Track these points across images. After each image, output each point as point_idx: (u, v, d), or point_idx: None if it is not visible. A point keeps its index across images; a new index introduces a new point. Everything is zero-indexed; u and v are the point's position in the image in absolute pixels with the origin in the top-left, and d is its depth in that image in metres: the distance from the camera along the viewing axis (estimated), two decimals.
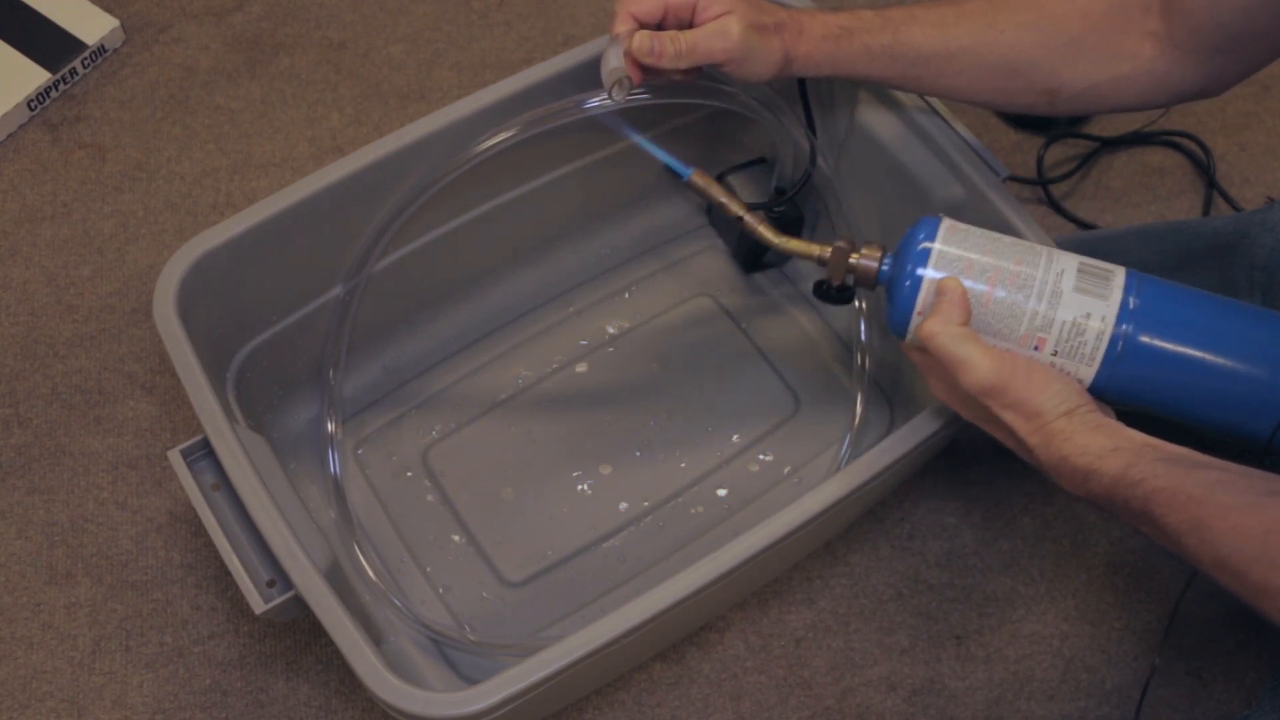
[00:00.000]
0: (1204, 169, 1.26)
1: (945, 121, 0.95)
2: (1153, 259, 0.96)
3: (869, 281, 0.79)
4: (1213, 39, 0.79)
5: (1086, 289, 0.73)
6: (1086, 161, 1.26)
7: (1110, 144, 1.27)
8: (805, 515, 0.80)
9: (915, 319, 0.76)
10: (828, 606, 1.02)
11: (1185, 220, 1.07)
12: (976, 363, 0.71)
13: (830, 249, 0.80)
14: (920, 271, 0.75)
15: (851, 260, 0.79)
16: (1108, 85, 0.83)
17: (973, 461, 1.09)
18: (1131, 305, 0.72)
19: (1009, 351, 0.73)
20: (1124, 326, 0.72)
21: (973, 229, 0.76)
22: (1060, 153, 1.27)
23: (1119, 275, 0.74)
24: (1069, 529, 1.07)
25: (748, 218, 0.85)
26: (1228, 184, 1.26)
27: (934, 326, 0.72)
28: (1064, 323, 0.73)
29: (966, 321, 0.73)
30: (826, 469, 1.04)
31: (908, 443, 0.83)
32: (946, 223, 0.76)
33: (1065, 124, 1.26)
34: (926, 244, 0.75)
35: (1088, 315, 0.72)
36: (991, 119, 1.28)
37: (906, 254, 0.76)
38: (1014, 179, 1.22)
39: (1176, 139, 1.27)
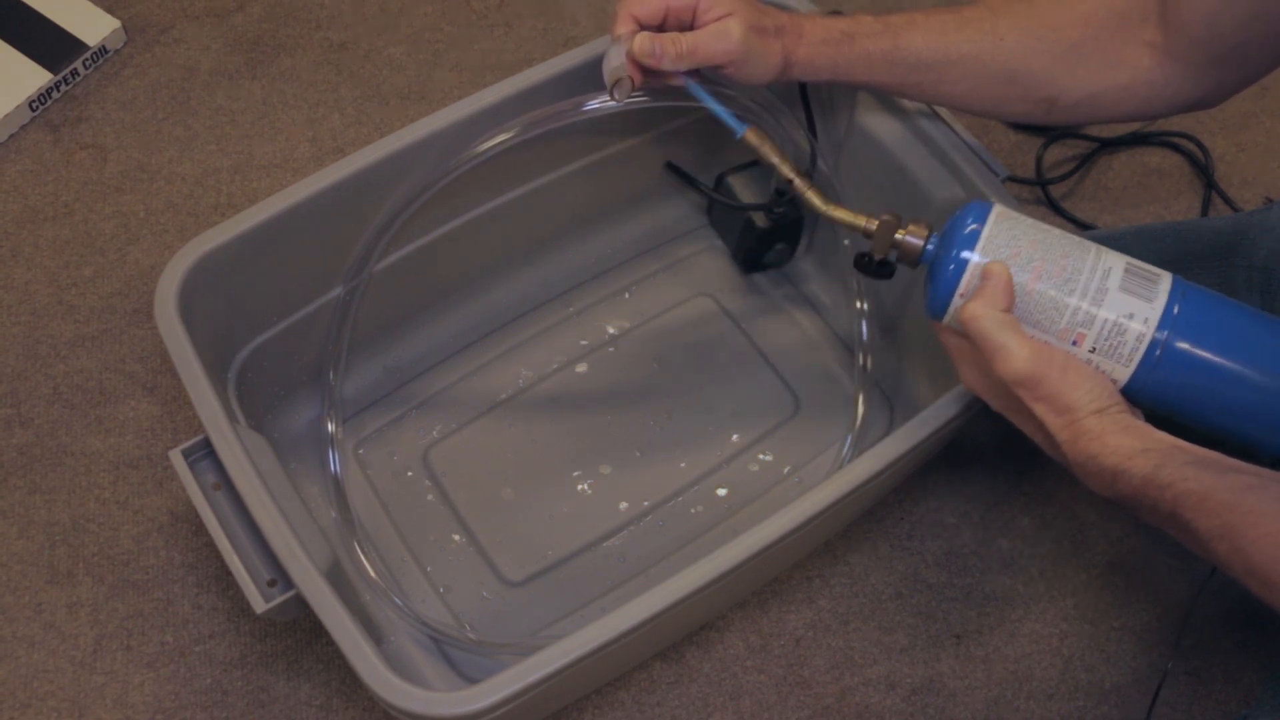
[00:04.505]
0: (1203, 170, 1.26)
1: (944, 122, 0.95)
2: (1151, 260, 0.95)
3: (912, 259, 0.79)
4: (1210, 50, 0.79)
5: (1132, 290, 0.72)
6: (1085, 162, 1.26)
7: (1109, 144, 1.27)
8: (805, 515, 0.80)
9: (956, 301, 0.75)
10: (827, 606, 1.03)
11: (1184, 221, 1.07)
12: (1014, 351, 0.70)
13: (876, 222, 0.80)
14: (966, 254, 0.74)
15: (897, 236, 0.79)
16: (1106, 95, 0.83)
17: (972, 461, 1.09)
18: (1175, 311, 0.72)
19: (1047, 344, 0.73)
20: (1165, 332, 0.71)
21: (1023, 218, 0.76)
22: (1059, 153, 1.27)
23: (1165, 280, 0.73)
24: (1068, 528, 1.07)
25: (798, 181, 0.85)
26: (1226, 185, 1.26)
27: (977, 309, 0.72)
28: (1106, 321, 0.72)
29: (1010, 308, 0.72)
30: (826, 469, 1.04)
31: (907, 442, 0.83)
32: (998, 209, 0.76)
33: (1064, 125, 1.27)
34: (975, 227, 0.74)
35: (1130, 316, 0.72)
36: (991, 119, 1.28)
37: (954, 235, 0.75)
38: (1013, 179, 1.22)
39: (1175, 140, 1.28)
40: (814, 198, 0.84)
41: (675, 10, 0.83)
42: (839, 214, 0.83)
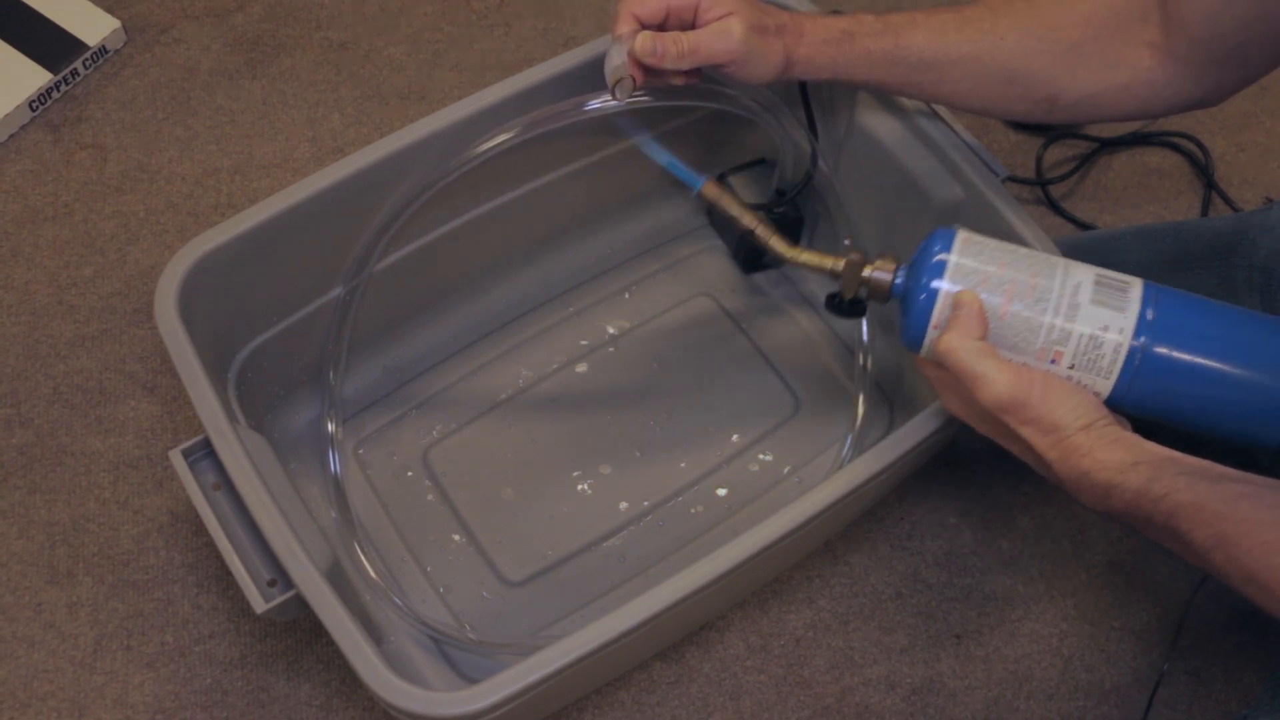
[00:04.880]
0: (1203, 170, 1.26)
1: (945, 122, 0.95)
2: (1151, 260, 0.96)
3: (882, 295, 0.78)
4: (1211, 50, 0.79)
5: (1103, 301, 0.72)
6: (1085, 162, 1.26)
7: (1109, 144, 1.27)
8: (805, 515, 0.80)
9: (931, 333, 0.74)
10: (827, 606, 1.03)
11: (1184, 221, 1.07)
12: (993, 378, 0.70)
13: (843, 262, 0.79)
14: (935, 284, 0.73)
15: (865, 273, 0.78)
16: (1106, 94, 0.83)
17: (972, 461, 1.09)
18: (1149, 317, 0.71)
19: (1026, 366, 0.72)
20: (1141, 338, 0.71)
21: (989, 240, 0.75)
22: (1059, 153, 1.27)
23: (1136, 287, 0.73)
24: (1068, 529, 1.07)
25: (759, 230, 0.84)
26: (1226, 185, 1.26)
27: (951, 341, 0.71)
28: (1081, 336, 0.72)
29: (984, 336, 0.72)
30: (827, 469, 1.04)
31: (908, 443, 0.83)
32: (962, 234, 0.75)
33: (1064, 124, 1.27)
34: (942, 256, 0.74)
35: (1105, 328, 0.71)
36: (991, 119, 1.28)
37: (921, 266, 0.75)
38: (1013, 179, 1.22)
39: (1175, 140, 1.28)
40: (778, 244, 0.83)
41: (676, 9, 0.83)
42: (805, 258, 0.82)
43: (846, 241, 0.99)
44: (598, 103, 0.89)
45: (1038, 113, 0.87)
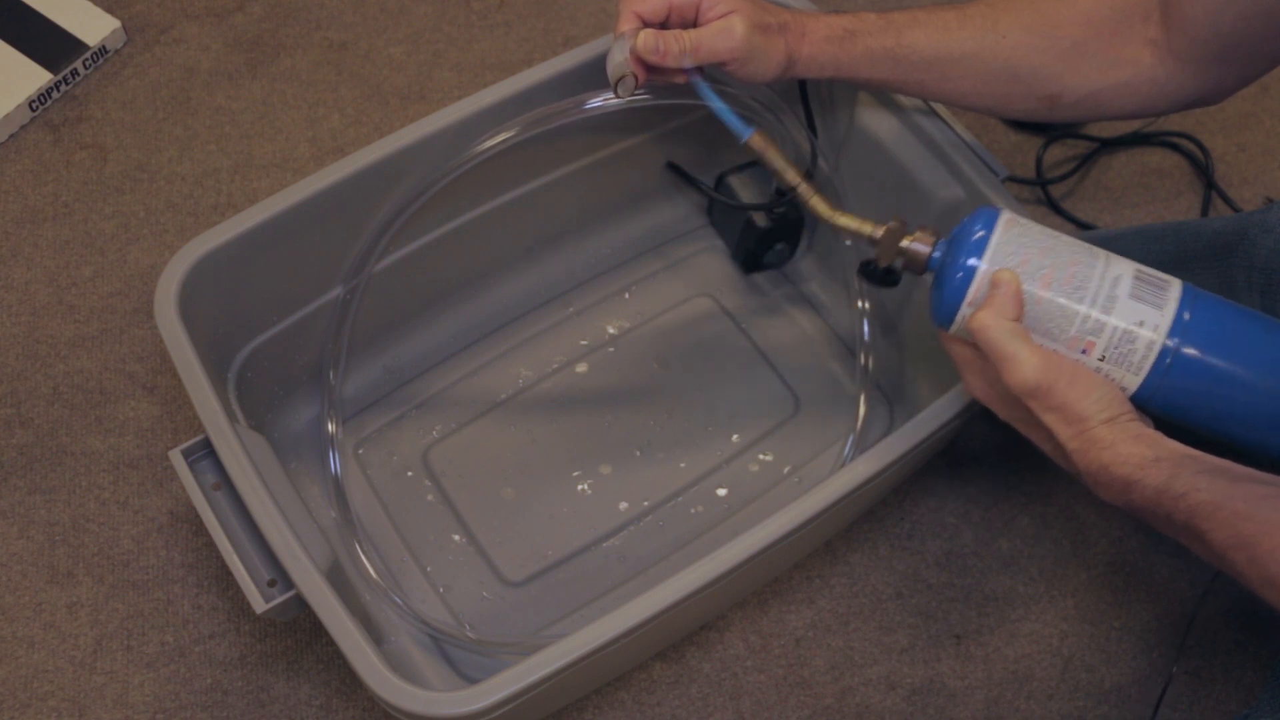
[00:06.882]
0: (1203, 170, 1.26)
1: (945, 122, 0.95)
2: (1151, 260, 0.95)
3: (919, 266, 0.78)
4: (1212, 47, 0.79)
5: (1141, 297, 0.72)
6: (1085, 162, 1.26)
7: (1109, 144, 1.27)
8: (805, 515, 0.80)
9: (964, 309, 0.74)
10: (827, 606, 1.03)
11: (1184, 221, 1.07)
12: (1024, 360, 0.70)
13: (882, 229, 0.79)
14: (974, 262, 0.73)
15: (903, 243, 0.78)
16: (1107, 92, 0.84)
17: (972, 461, 1.09)
18: (1186, 318, 0.71)
19: (1056, 352, 0.72)
20: (1176, 339, 0.71)
21: (1031, 225, 0.75)
22: (1059, 153, 1.27)
23: (1175, 287, 0.73)
24: (1068, 529, 1.07)
25: (801, 188, 0.84)
26: (1226, 185, 1.26)
27: (986, 318, 0.71)
28: (1115, 329, 0.71)
29: (1019, 317, 0.71)
30: (827, 469, 1.04)
31: (907, 442, 0.83)
32: (1006, 215, 0.75)
33: (1064, 124, 1.27)
34: (983, 234, 0.73)
35: (1140, 324, 0.71)
36: (991, 119, 1.28)
37: (962, 242, 0.74)
38: (1013, 179, 1.22)
39: (1175, 140, 1.28)
40: (819, 204, 0.84)
41: (679, 8, 0.83)
42: (844, 220, 0.82)
43: (848, 242, 0.99)
44: (600, 100, 0.89)
45: (1040, 111, 0.87)
